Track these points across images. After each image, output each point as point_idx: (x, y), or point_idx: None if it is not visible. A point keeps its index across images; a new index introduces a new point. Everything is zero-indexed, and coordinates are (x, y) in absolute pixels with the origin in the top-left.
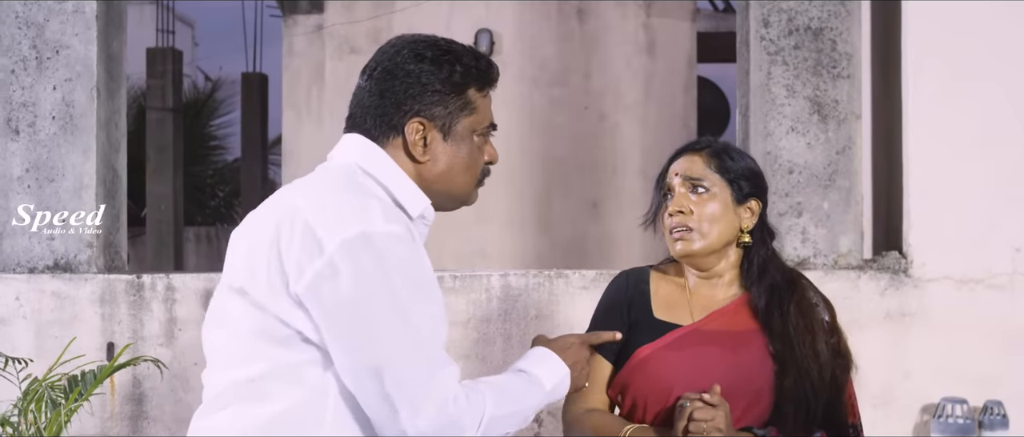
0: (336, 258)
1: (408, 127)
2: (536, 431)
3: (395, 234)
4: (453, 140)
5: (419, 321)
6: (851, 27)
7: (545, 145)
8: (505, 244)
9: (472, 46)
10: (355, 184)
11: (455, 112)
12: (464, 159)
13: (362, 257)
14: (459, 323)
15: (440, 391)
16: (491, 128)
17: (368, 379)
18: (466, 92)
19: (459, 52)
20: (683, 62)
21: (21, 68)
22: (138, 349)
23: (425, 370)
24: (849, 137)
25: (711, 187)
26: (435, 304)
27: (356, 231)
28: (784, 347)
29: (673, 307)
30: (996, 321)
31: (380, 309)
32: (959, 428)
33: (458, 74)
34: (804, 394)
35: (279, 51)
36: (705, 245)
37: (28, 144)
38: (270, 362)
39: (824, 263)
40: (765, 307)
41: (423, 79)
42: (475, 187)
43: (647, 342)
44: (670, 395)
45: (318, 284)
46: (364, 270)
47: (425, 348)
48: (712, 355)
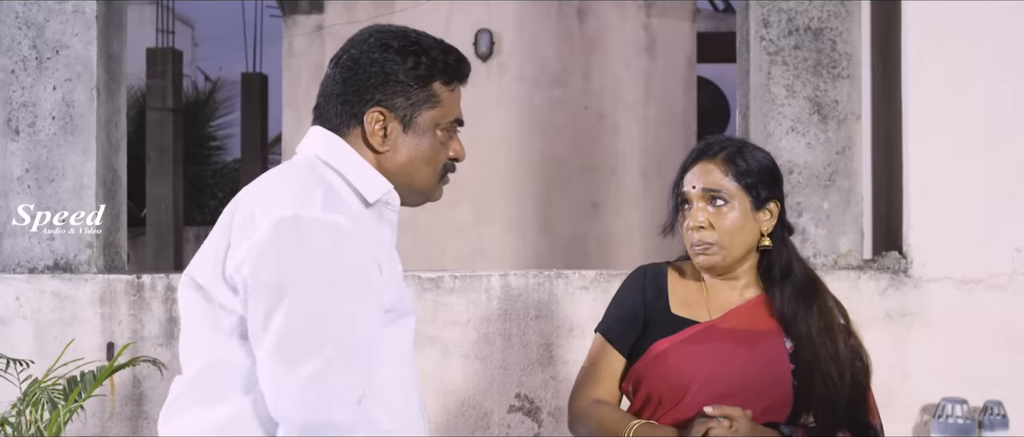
0: (265, 237)
1: (368, 116)
2: (536, 431)
3: (331, 222)
4: (414, 132)
5: (331, 315)
6: (851, 27)
7: (545, 145)
8: (505, 244)
9: (441, 39)
10: (311, 173)
11: (417, 104)
12: (425, 152)
13: (288, 239)
14: (459, 323)
15: (320, 390)
16: (457, 123)
17: (266, 356)
18: (430, 84)
19: (427, 44)
20: (683, 62)
21: (21, 68)
22: (138, 349)
23: (318, 364)
24: (849, 137)
25: (730, 198)
26: (359, 299)
27: (290, 213)
28: (807, 350)
29: (690, 304)
30: (996, 321)
31: (293, 293)
32: (959, 428)
33: (423, 66)
34: (829, 396)
35: (279, 51)
36: (727, 257)
37: (28, 144)
38: (217, 357)
39: (824, 263)
40: (792, 311)
41: (386, 68)
42: (438, 182)
43: (664, 336)
44: (686, 390)
45: (244, 262)
46: (286, 252)
47: (326, 344)
48: (729, 351)
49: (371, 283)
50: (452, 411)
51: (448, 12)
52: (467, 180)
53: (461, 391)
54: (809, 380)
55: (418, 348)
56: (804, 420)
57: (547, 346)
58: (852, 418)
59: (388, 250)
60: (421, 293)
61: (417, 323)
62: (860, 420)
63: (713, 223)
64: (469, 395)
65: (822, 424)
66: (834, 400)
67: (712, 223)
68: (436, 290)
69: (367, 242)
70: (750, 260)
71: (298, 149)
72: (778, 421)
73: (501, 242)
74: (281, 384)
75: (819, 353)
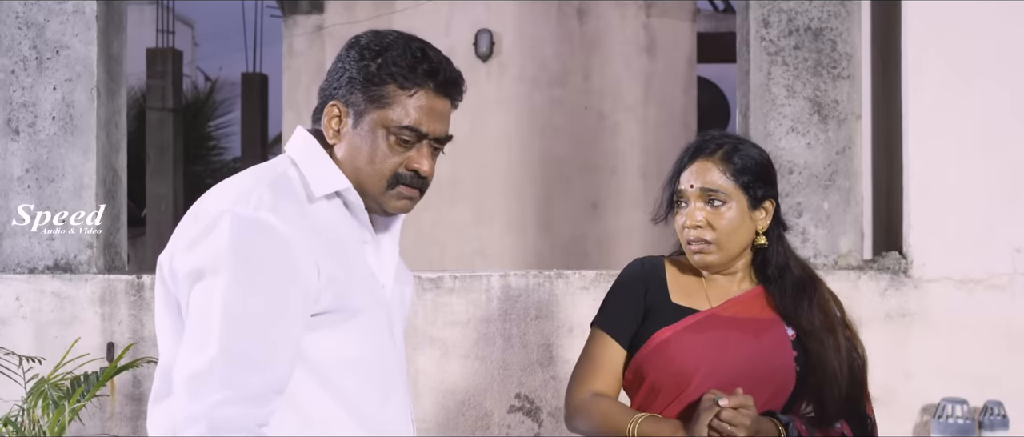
0: (199, 232)
1: (326, 109)
2: (536, 431)
3: (259, 220)
4: (359, 130)
5: (238, 313)
6: (851, 27)
7: (545, 145)
8: (505, 244)
9: (425, 48)
10: (268, 173)
11: (367, 102)
12: (366, 152)
13: (216, 234)
14: (459, 323)
15: (204, 386)
16: (408, 131)
17: (182, 345)
18: (384, 86)
19: (395, 48)
20: (683, 62)
21: (21, 68)
22: (138, 349)
23: (207, 359)
24: (849, 137)
25: (727, 198)
26: (274, 301)
27: (224, 209)
28: (813, 343)
29: (689, 294)
30: (996, 321)
31: (207, 286)
32: (959, 428)
33: (376, 66)
34: (829, 388)
35: (279, 51)
36: (724, 256)
37: (28, 144)
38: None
39: (824, 263)
40: (793, 304)
41: (347, 65)
42: (386, 189)
43: (666, 325)
44: (690, 379)
45: (176, 253)
46: (209, 245)
47: (224, 339)
48: (733, 339)
49: (296, 286)
50: (452, 411)
51: (448, 12)
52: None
53: (461, 391)
54: (815, 373)
55: (418, 348)
56: (803, 410)
57: (547, 346)
58: (851, 410)
59: (343, 247)
60: (421, 293)
61: (417, 323)
62: (858, 412)
63: (711, 222)
64: (469, 395)
65: (821, 415)
66: (833, 390)
67: (710, 222)
68: (436, 290)
69: (304, 243)
70: (745, 256)
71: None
72: (774, 410)
73: (501, 242)
74: (178, 373)
75: (824, 347)
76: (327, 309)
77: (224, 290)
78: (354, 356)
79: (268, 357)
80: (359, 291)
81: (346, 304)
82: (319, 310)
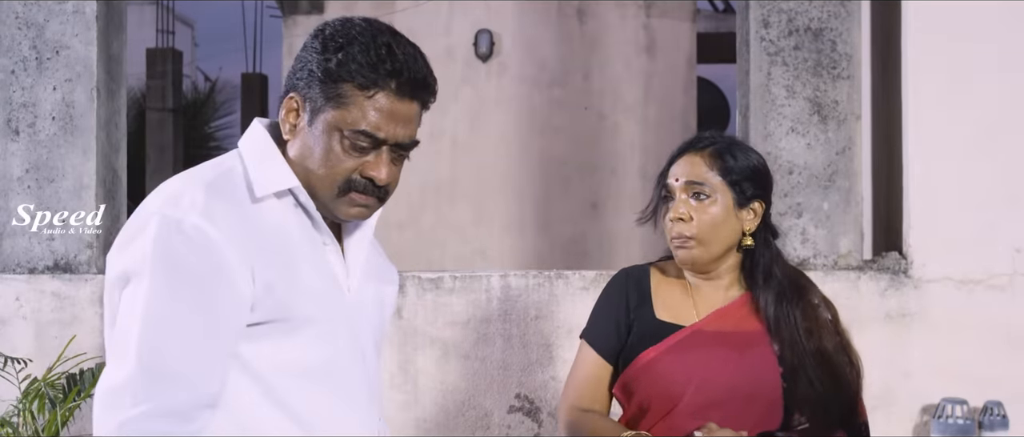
0: (131, 233)
1: (285, 101)
2: (536, 431)
3: (188, 223)
4: (313, 128)
5: (158, 319)
6: (851, 27)
7: (545, 145)
8: (505, 244)
9: (397, 45)
10: (211, 171)
11: (324, 100)
12: (318, 154)
13: (143, 237)
14: (459, 323)
15: (117, 396)
16: (363, 136)
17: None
18: (340, 84)
19: (358, 43)
20: (683, 62)
21: (21, 68)
22: None
23: (124, 366)
24: (849, 137)
25: (712, 192)
26: (197, 309)
27: (154, 209)
28: (793, 353)
29: (674, 307)
30: (996, 321)
31: (131, 290)
32: (959, 428)
33: (334, 62)
34: (816, 396)
35: (279, 51)
36: (706, 253)
37: (28, 144)
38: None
39: (824, 264)
40: (774, 315)
41: (307, 57)
42: (336, 196)
43: (650, 345)
44: (680, 396)
45: (113, 255)
46: (139, 250)
47: (140, 347)
48: (718, 357)
49: (225, 294)
50: (452, 411)
51: (448, 12)
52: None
53: (461, 391)
54: (793, 380)
55: (418, 348)
56: (796, 421)
57: (547, 346)
58: (845, 418)
59: (291, 251)
60: (421, 293)
61: (417, 323)
62: (853, 420)
63: (693, 216)
64: (469, 395)
65: (814, 425)
66: (824, 400)
67: (693, 216)
68: (436, 290)
69: (238, 248)
70: (731, 259)
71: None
72: (772, 430)
73: (501, 242)
74: (98, 385)
75: (804, 354)
76: (266, 318)
77: (145, 298)
78: (303, 366)
79: (190, 369)
80: (307, 299)
81: (290, 314)
82: (257, 319)
